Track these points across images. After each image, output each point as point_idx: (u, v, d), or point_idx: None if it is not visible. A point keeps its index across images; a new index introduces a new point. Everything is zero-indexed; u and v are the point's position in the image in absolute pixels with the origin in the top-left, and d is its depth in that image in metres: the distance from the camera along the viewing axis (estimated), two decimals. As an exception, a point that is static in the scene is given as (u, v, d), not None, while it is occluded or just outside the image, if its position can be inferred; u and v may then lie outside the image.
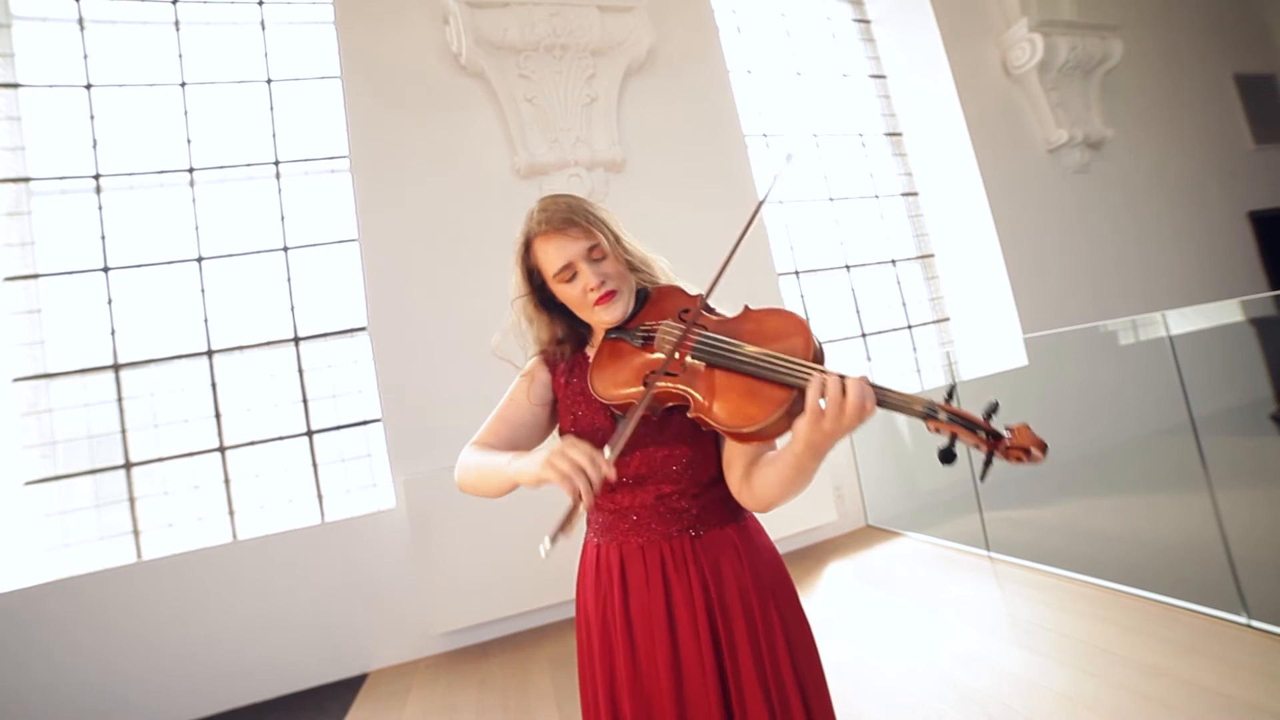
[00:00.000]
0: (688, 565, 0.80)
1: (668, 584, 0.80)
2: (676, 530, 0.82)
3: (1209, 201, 5.03)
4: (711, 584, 0.80)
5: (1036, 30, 4.25)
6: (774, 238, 3.79)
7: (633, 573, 0.82)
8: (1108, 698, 1.58)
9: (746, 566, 0.82)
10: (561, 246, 0.81)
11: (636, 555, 0.83)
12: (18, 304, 2.81)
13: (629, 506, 0.83)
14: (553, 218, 0.82)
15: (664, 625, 0.79)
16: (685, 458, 0.82)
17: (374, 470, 3.08)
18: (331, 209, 3.24)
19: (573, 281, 0.83)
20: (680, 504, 0.82)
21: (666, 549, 0.81)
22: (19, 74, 2.97)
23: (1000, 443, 0.61)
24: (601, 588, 0.85)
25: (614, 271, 0.84)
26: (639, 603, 0.81)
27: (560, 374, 0.91)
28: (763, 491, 0.75)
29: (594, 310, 0.84)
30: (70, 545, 2.72)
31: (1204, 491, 1.95)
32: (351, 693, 2.49)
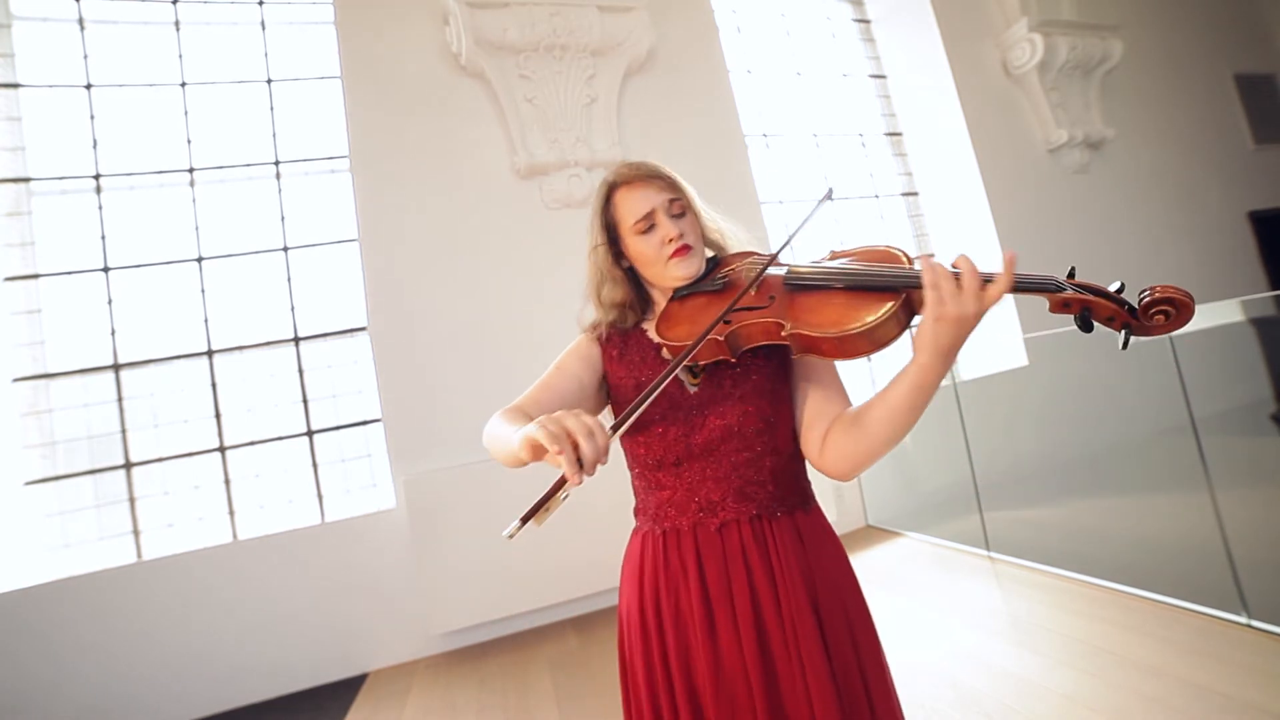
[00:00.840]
0: (767, 550, 0.76)
1: (750, 571, 0.75)
2: (752, 511, 0.77)
3: (1209, 201, 5.03)
4: (790, 573, 0.75)
5: (1036, 30, 4.25)
6: (774, 237, 3.79)
7: (710, 559, 0.76)
8: (1108, 698, 1.58)
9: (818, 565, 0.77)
10: (646, 194, 0.82)
11: (712, 538, 0.77)
12: (18, 304, 2.81)
13: (700, 482, 0.78)
14: (638, 168, 0.83)
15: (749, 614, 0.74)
16: (766, 415, 0.77)
17: (374, 470, 3.08)
18: (331, 209, 3.24)
19: (650, 233, 0.82)
20: (756, 476, 0.77)
21: (747, 532, 0.76)
22: (19, 74, 2.97)
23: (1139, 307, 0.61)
24: (673, 577, 0.78)
25: (691, 229, 0.83)
26: (719, 592, 0.75)
27: (613, 347, 0.87)
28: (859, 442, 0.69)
29: (668, 265, 0.81)
30: (70, 545, 2.72)
31: (1204, 491, 1.95)
32: (352, 693, 2.49)
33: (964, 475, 2.99)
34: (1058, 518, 2.97)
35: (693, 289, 0.84)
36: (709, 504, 0.78)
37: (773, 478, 0.78)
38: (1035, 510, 3.00)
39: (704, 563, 0.77)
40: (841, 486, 3.53)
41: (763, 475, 0.77)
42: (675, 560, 0.78)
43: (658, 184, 0.82)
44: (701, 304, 0.81)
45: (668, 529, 0.80)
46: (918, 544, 3.11)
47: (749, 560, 0.75)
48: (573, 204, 3.18)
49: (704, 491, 0.78)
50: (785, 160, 4.28)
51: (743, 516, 0.77)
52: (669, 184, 0.82)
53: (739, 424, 0.77)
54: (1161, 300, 0.59)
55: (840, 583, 0.79)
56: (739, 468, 0.77)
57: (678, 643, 0.77)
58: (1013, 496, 2.99)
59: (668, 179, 0.82)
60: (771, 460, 0.78)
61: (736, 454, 0.77)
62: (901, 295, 0.66)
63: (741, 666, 0.73)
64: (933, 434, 3.39)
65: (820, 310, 0.70)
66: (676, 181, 0.83)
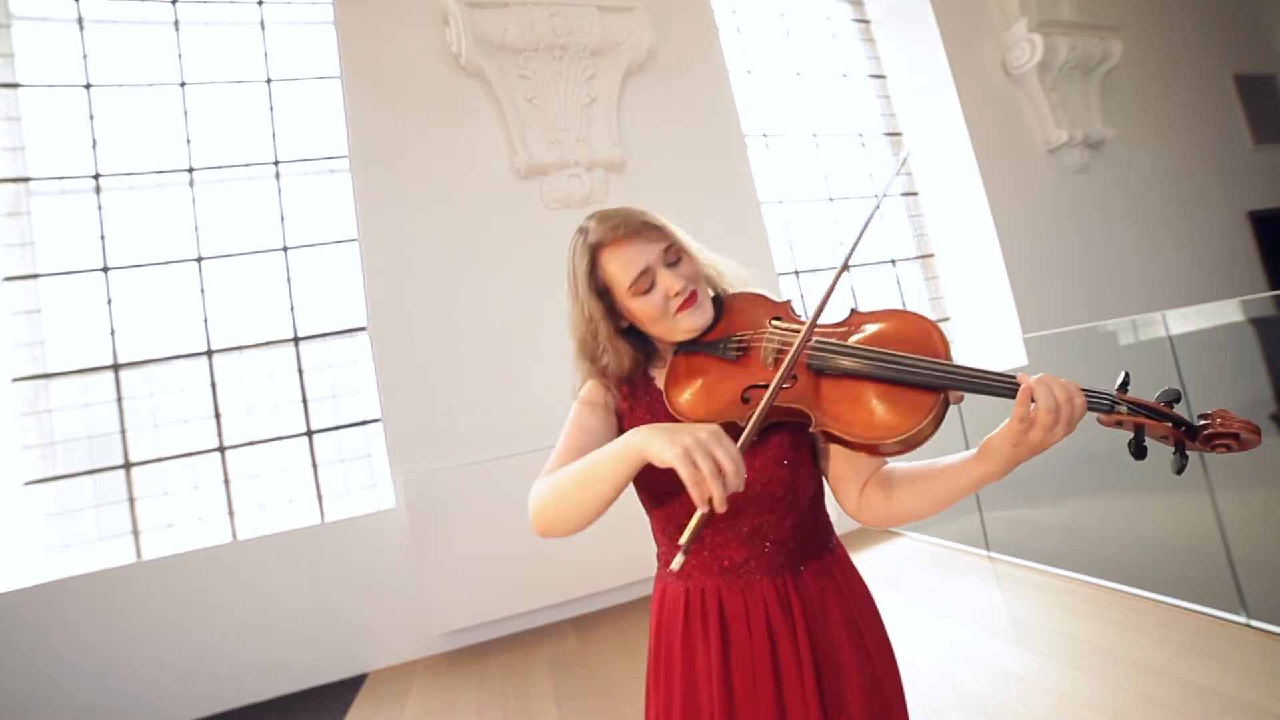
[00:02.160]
0: (792, 609, 0.72)
1: (773, 634, 0.72)
2: (776, 567, 0.74)
3: (1209, 201, 5.04)
4: (818, 629, 0.73)
5: (1036, 30, 4.25)
6: (774, 237, 3.79)
7: (734, 621, 0.73)
8: (1107, 697, 1.58)
9: (850, 602, 0.76)
10: (636, 251, 0.73)
11: (737, 601, 0.74)
12: (17, 304, 2.81)
13: (723, 544, 0.75)
14: (621, 224, 0.73)
15: (769, 680, 0.70)
16: (786, 481, 0.74)
17: (373, 470, 3.08)
18: (331, 209, 3.24)
19: (651, 291, 0.74)
20: (779, 534, 0.74)
21: (770, 591, 0.73)
22: (18, 74, 2.97)
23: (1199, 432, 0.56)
24: (692, 637, 0.75)
25: (692, 274, 0.76)
26: (740, 656, 0.72)
27: (624, 398, 0.81)
28: (909, 504, 0.68)
29: (676, 319, 0.74)
30: (70, 545, 2.72)
31: (1204, 492, 1.96)
32: (352, 692, 2.49)
33: (964, 475, 2.98)
34: (1057, 518, 2.98)
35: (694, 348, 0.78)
36: (732, 566, 0.75)
37: (794, 533, 0.75)
38: (1035, 510, 3.00)
39: (728, 625, 0.74)
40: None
41: (784, 533, 0.75)
42: (698, 620, 0.76)
43: (646, 236, 0.73)
44: (712, 368, 0.75)
45: (690, 588, 0.77)
46: (917, 544, 3.11)
47: (771, 622, 0.73)
48: (573, 204, 3.18)
49: (728, 553, 0.75)
50: (785, 160, 4.28)
51: (766, 576, 0.74)
52: (658, 232, 0.75)
53: (759, 491, 0.74)
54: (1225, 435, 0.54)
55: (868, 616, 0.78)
56: (761, 530, 0.74)
57: (685, 700, 0.74)
58: (1012, 496, 2.99)
59: (656, 227, 0.75)
60: (794, 517, 0.75)
61: (758, 517, 0.74)
62: (941, 395, 0.62)
63: None
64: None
65: (851, 407, 0.65)
66: (664, 228, 0.76)
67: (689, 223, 2.57)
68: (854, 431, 0.65)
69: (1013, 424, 0.58)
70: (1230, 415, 0.54)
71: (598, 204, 3.25)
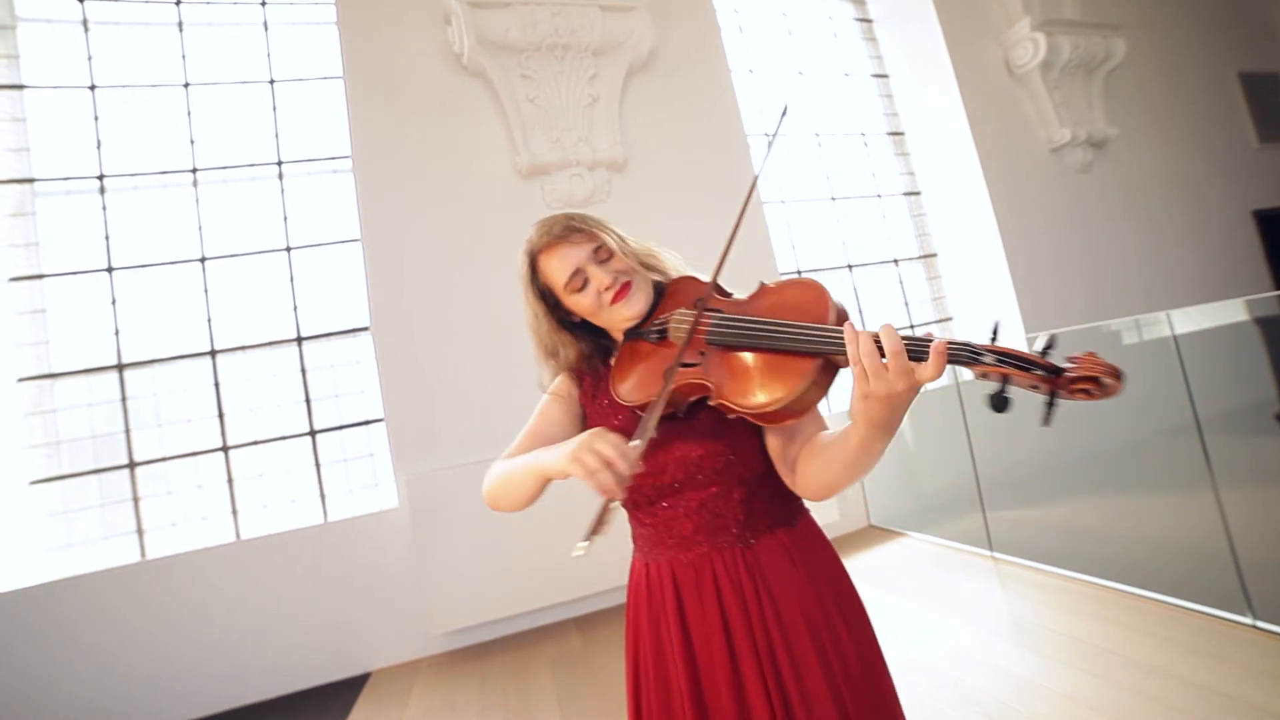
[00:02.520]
0: (741, 580, 0.75)
1: (723, 602, 0.75)
2: (726, 541, 0.77)
3: (1213, 200, 5.01)
4: (766, 600, 0.75)
5: (1039, 29, 4.24)
6: (776, 237, 3.78)
7: (686, 592, 0.78)
8: (1110, 698, 1.57)
9: (805, 576, 0.76)
10: (566, 254, 0.80)
11: (688, 572, 0.78)
12: (22, 304, 2.82)
13: (673, 518, 0.79)
14: (551, 229, 0.81)
15: (723, 647, 0.74)
16: (724, 454, 0.76)
17: (376, 470, 3.09)
18: (334, 209, 3.25)
19: (585, 289, 0.81)
20: (726, 508, 0.77)
21: (719, 563, 0.76)
22: (24, 75, 2.98)
23: (1062, 378, 0.52)
24: (654, 609, 0.80)
25: (625, 267, 0.82)
26: (696, 624, 0.76)
27: (588, 389, 0.88)
28: (823, 475, 0.69)
29: (613, 310, 0.81)
30: (74, 545, 2.73)
31: (1208, 491, 1.95)
32: (354, 692, 2.50)
33: (967, 475, 2.98)
34: (1061, 518, 2.97)
35: (640, 333, 0.83)
36: (682, 539, 0.79)
37: (743, 506, 0.77)
38: (1038, 510, 2.99)
39: (682, 596, 0.78)
40: (843, 486, 3.52)
41: (733, 506, 0.77)
42: (657, 593, 0.80)
43: (574, 239, 0.80)
44: (646, 352, 0.81)
45: (650, 563, 0.82)
46: (920, 544, 3.10)
47: (721, 592, 0.76)
48: (575, 204, 3.18)
49: (677, 527, 0.79)
50: (787, 159, 4.28)
51: (715, 549, 0.77)
52: (585, 234, 0.80)
53: (699, 464, 0.77)
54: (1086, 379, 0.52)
55: (830, 592, 0.78)
56: (708, 502, 0.77)
57: (658, 673, 0.78)
58: (1016, 496, 2.98)
59: (582, 230, 0.80)
60: (741, 490, 0.77)
61: (703, 489, 0.77)
62: (819, 360, 0.63)
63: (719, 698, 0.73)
64: (935, 434, 3.39)
65: (740, 378, 0.69)
66: (591, 229, 0.81)
67: (691, 222, 2.62)
68: (742, 401, 0.67)
69: (854, 379, 0.58)
70: (1095, 359, 0.52)
71: (600, 204, 3.25)
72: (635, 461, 0.62)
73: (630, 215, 3.21)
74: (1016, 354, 0.54)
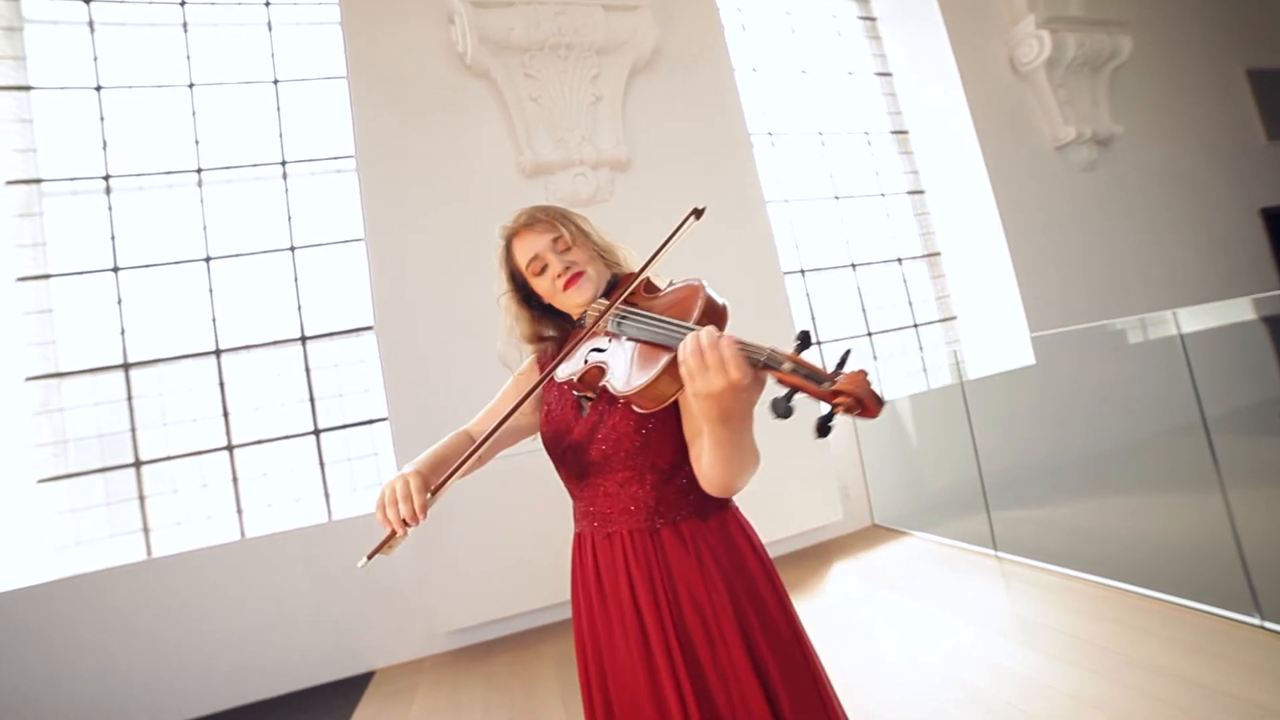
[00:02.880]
0: (647, 561, 0.82)
1: (632, 582, 0.82)
2: (636, 524, 0.83)
3: (1220, 198, 4.98)
4: (665, 582, 0.81)
5: (1044, 27, 4.22)
6: (779, 236, 3.78)
7: (604, 564, 0.86)
8: (1116, 698, 1.57)
9: (695, 567, 0.81)
10: (529, 241, 0.91)
11: (605, 545, 0.86)
12: (30, 304, 2.84)
13: (595, 495, 0.87)
14: (519, 218, 0.92)
15: (633, 616, 0.82)
16: (637, 440, 0.82)
17: (380, 469, 3.10)
18: (337, 209, 3.26)
19: (544, 273, 0.91)
20: (639, 493, 0.83)
21: (628, 542, 0.84)
22: (31, 77, 3.00)
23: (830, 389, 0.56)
24: (586, 577, 0.88)
25: (581, 258, 0.90)
26: (611, 592, 0.84)
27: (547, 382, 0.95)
28: (705, 470, 0.76)
29: (565, 296, 0.89)
30: (82, 543, 2.75)
31: (1215, 491, 1.94)
32: (358, 690, 2.51)
33: (971, 474, 2.97)
34: (1066, 517, 2.95)
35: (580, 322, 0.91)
36: (601, 516, 0.87)
37: (654, 493, 0.83)
38: (1043, 510, 2.98)
39: (600, 568, 0.86)
40: (847, 486, 3.52)
41: (645, 491, 0.83)
42: (588, 561, 0.89)
43: (539, 228, 0.90)
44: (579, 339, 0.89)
45: (581, 534, 0.91)
46: (924, 543, 3.09)
47: (630, 570, 0.83)
48: (578, 203, 3.18)
49: (598, 504, 0.87)
50: (790, 159, 4.27)
51: (625, 529, 0.84)
52: (549, 225, 0.90)
53: (614, 447, 0.83)
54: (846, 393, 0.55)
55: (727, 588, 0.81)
56: (624, 485, 0.84)
57: (591, 633, 0.87)
58: (1020, 496, 2.97)
59: (547, 221, 0.90)
60: (653, 477, 0.83)
61: (619, 472, 0.84)
62: (672, 353, 0.67)
63: (629, 661, 0.81)
64: (939, 433, 3.38)
65: (624, 365, 0.74)
66: (553, 220, 0.90)
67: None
68: (619, 386, 0.73)
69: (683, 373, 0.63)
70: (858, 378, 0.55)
71: (603, 203, 3.25)
72: (419, 509, 0.74)
73: (633, 214, 3.22)
74: (811, 368, 0.58)
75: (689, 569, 0.81)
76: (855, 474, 3.59)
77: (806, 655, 0.83)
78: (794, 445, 3.16)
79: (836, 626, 2.28)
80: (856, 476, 3.59)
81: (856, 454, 3.62)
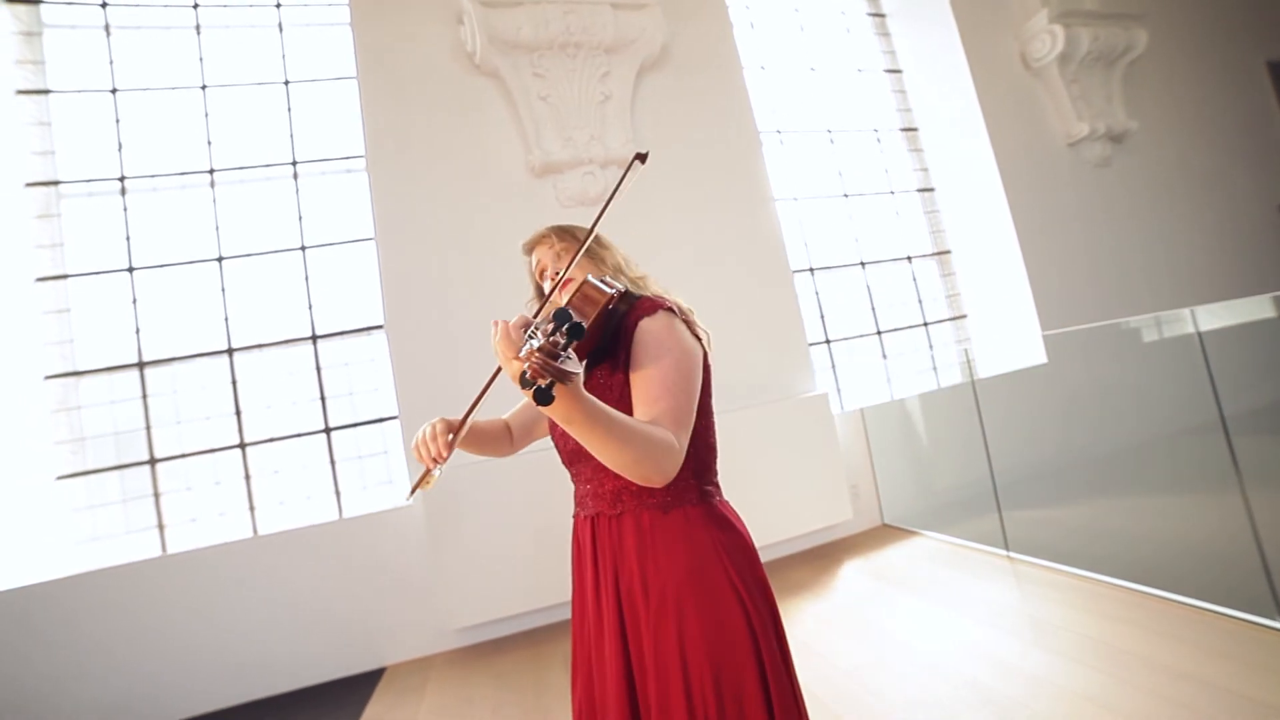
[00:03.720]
0: (607, 545, 0.90)
1: (597, 562, 0.91)
2: (602, 509, 0.91)
3: (1239, 194, 4.89)
4: (621, 570, 0.88)
5: (1057, 21, 4.16)
6: (788, 234, 3.76)
7: (582, 543, 0.96)
8: (1133, 701, 1.55)
9: (649, 558, 0.86)
10: (540, 253, 1.06)
11: (585, 526, 0.96)
12: (48, 304, 2.89)
13: (578, 482, 0.97)
14: (532, 235, 1.08)
15: (594, 595, 0.92)
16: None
17: (390, 467, 3.12)
18: (348, 208, 3.28)
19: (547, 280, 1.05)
20: (606, 480, 0.90)
21: (599, 527, 0.92)
22: (49, 80, 3.05)
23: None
24: (574, 556, 0.99)
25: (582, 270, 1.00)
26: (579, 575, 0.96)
27: None
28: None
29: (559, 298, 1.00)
30: (99, 539, 2.79)
31: (1235, 492, 1.90)
32: (369, 686, 2.53)
33: (982, 474, 2.94)
34: (1079, 517, 2.91)
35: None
36: (583, 498, 0.97)
37: (616, 480, 0.89)
38: (1056, 510, 2.94)
39: (580, 548, 0.97)
40: (857, 485, 3.50)
41: (608, 483, 0.90)
42: (576, 542, 0.99)
43: (546, 243, 1.05)
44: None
45: (575, 514, 1.01)
46: (934, 543, 3.07)
47: (596, 551, 0.92)
48: (587, 202, 3.18)
49: (580, 489, 0.97)
50: (799, 156, 4.25)
51: (596, 513, 0.93)
52: (548, 241, 1.05)
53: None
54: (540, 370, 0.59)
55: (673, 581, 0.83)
56: (598, 471, 0.91)
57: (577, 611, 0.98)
58: (1032, 496, 2.93)
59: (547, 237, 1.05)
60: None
61: (590, 463, 0.92)
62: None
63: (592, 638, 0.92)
64: (950, 433, 3.35)
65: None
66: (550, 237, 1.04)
67: (703, 219, 2.62)
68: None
69: None
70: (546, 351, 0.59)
71: (611, 202, 3.25)
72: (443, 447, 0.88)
73: (642, 212, 3.21)
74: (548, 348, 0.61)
75: (640, 559, 0.86)
76: (865, 473, 3.56)
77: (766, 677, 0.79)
78: (804, 446, 3.15)
79: (846, 626, 2.27)
80: (866, 476, 3.57)
81: (866, 454, 3.60)
